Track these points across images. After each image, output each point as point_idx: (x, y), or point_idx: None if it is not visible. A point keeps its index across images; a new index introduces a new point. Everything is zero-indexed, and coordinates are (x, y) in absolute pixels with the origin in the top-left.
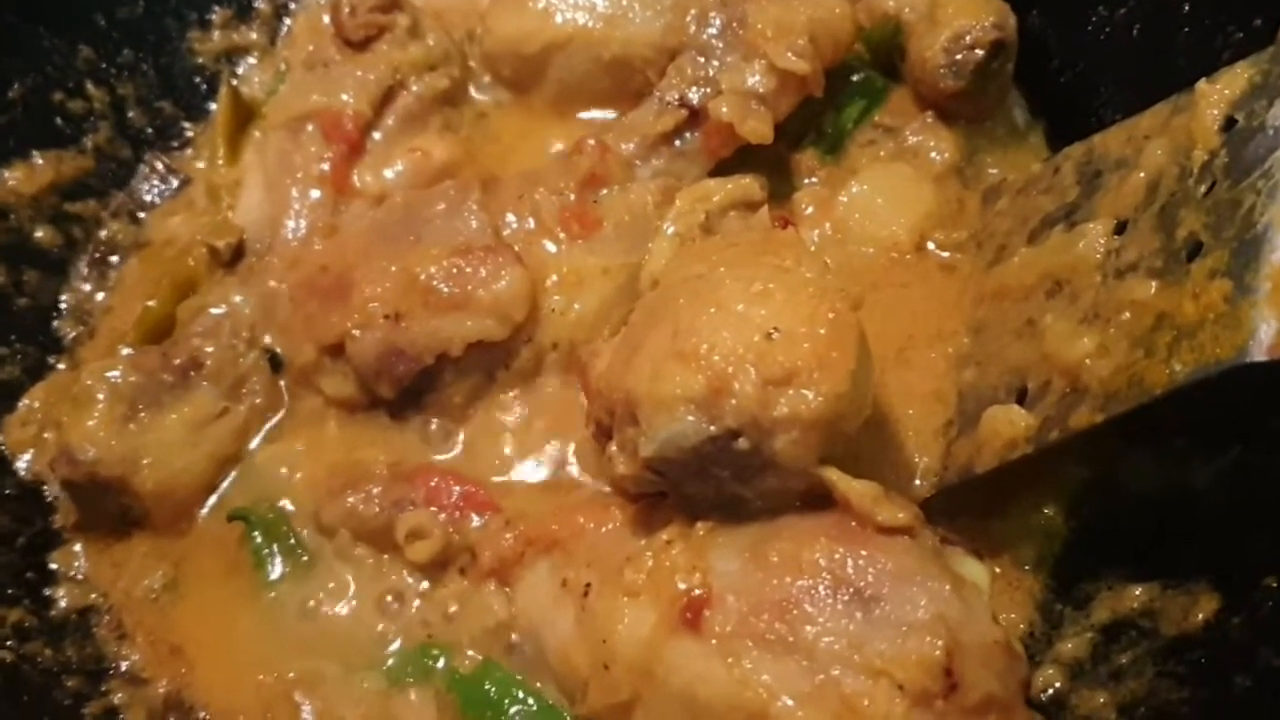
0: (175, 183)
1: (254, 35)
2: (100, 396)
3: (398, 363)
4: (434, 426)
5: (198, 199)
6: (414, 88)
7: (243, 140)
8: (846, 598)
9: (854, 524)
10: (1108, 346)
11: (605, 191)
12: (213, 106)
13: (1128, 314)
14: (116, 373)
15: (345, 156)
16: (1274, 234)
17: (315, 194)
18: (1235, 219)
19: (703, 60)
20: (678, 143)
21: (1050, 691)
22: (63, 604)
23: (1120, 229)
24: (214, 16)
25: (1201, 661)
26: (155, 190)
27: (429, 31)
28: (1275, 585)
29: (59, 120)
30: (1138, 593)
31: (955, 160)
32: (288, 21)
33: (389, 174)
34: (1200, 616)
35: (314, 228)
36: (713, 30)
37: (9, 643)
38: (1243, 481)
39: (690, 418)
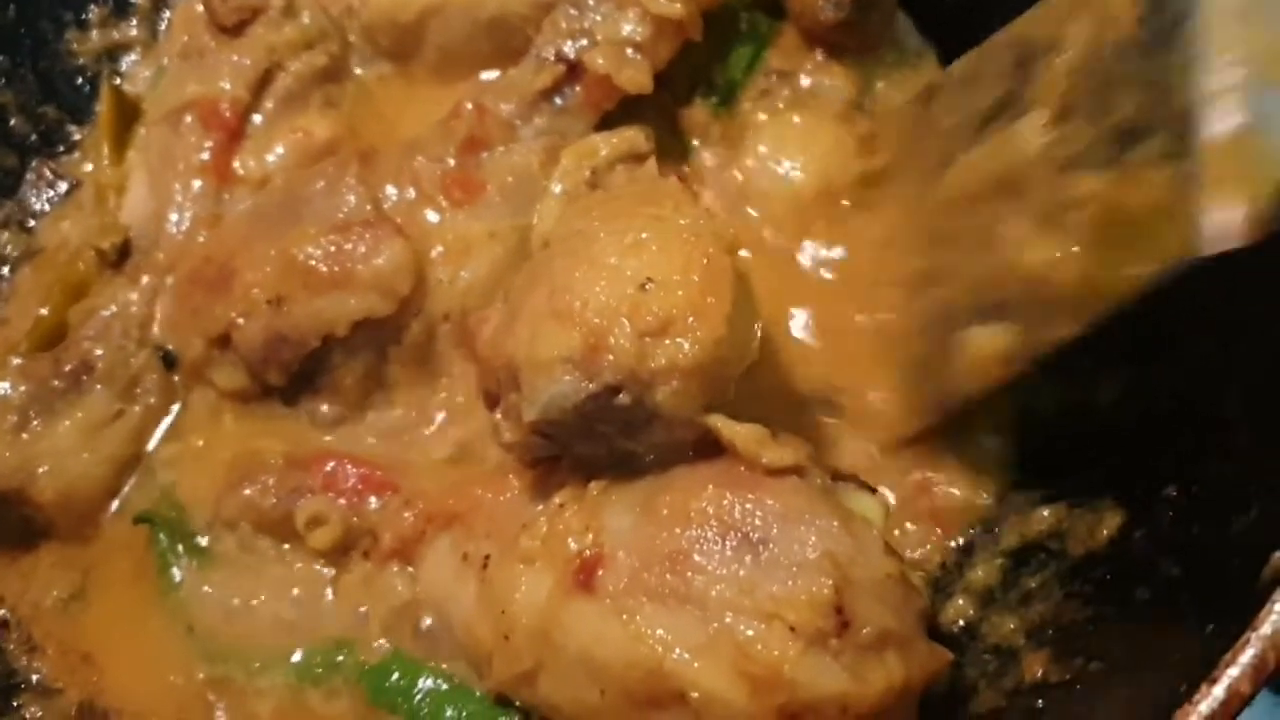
0: (64, 187)
1: (134, 31)
2: None
3: (283, 348)
4: (327, 409)
5: (86, 202)
6: (292, 68)
7: (129, 138)
8: (735, 543)
9: (742, 468)
10: (1068, 249)
11: (487, 155)
12: (98, 108)
13: (1081, 212)
14: (5, 384)
15: (225, 144)
16: (1203, 106)
17: (197, 185)
18: (1166, 95)
19: (576, 13)
20: (558, 99)
21: (961, 622)
22: None
23: (1061, 118)
24: (91, 15)
25: (1106, 578)
26: (44, 197)
27: (304, 9)
28: (1175, 494)
29: None
30: (1045, 514)
31: (852, 95)
32: (167, 15)
33: (271, 158)
34: (1105, 533)
35: (198, 219)
36: None
37: None
38: (1144, 394)
39: (568, 377)
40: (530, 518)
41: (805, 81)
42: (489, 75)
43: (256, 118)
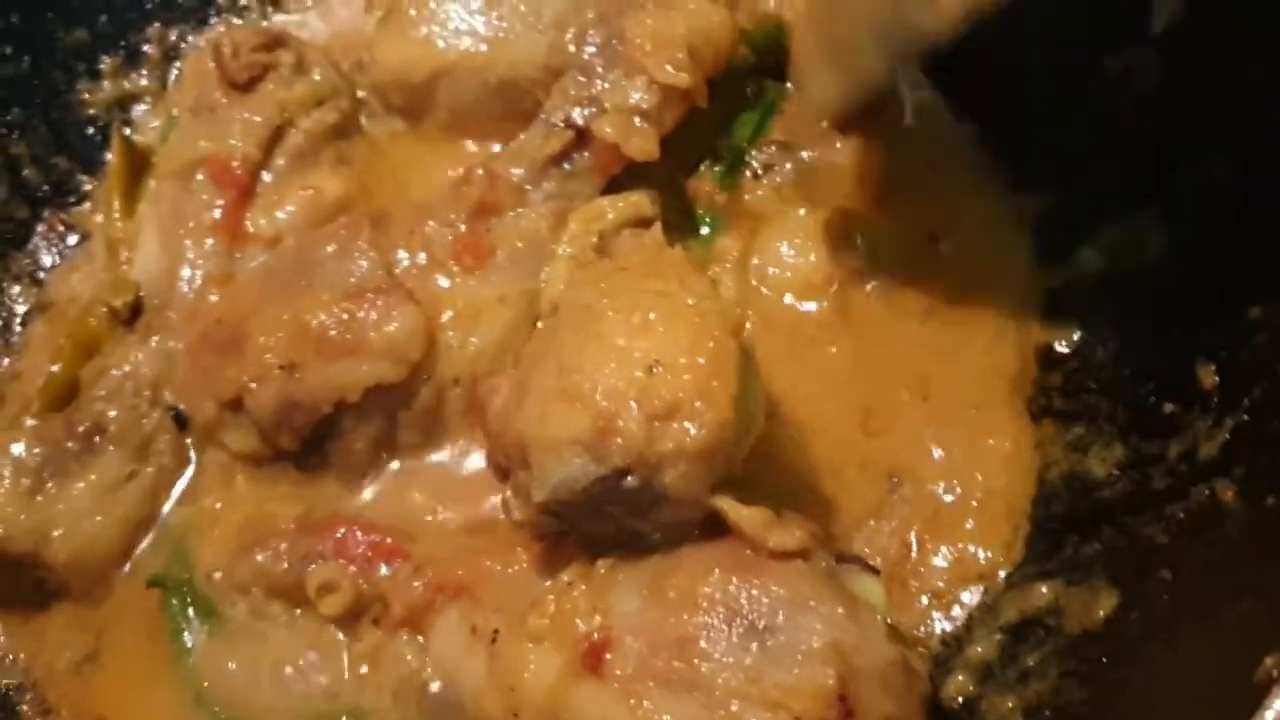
0: (75, 239)
1: (144, 81)
2: (4, 473)
3: (295, 414)
4: (340, 474)
5: (97, 254)
6: (303, 125)
7: (139, 190)
8: (742, 630)
9: (748, 551)
10: None
11: (496, 220)
12: (109, 158)
13: None
14: (19, 446)
15: (236, 202)
16: None
17: (209, 243)
18: None
19: (584, 80)
20: (567, 165)
21: (961, 699)
22: None
23: None
24: (103, 66)
25: (1102, 660)
26: (56, 249)
27: (315, 66)
28: (1169, 578)
29: None
30: (1044, 590)
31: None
32: (178, 65)
33: (282, 215)
34: (1101, 613)
35: (209, 277)
36: (592, 48)
37: None
38: (1138, 473)
39: (578, 460)
40: (538, 595)
41: (807, 156)
42: (501, 133)
43: (267, 175)
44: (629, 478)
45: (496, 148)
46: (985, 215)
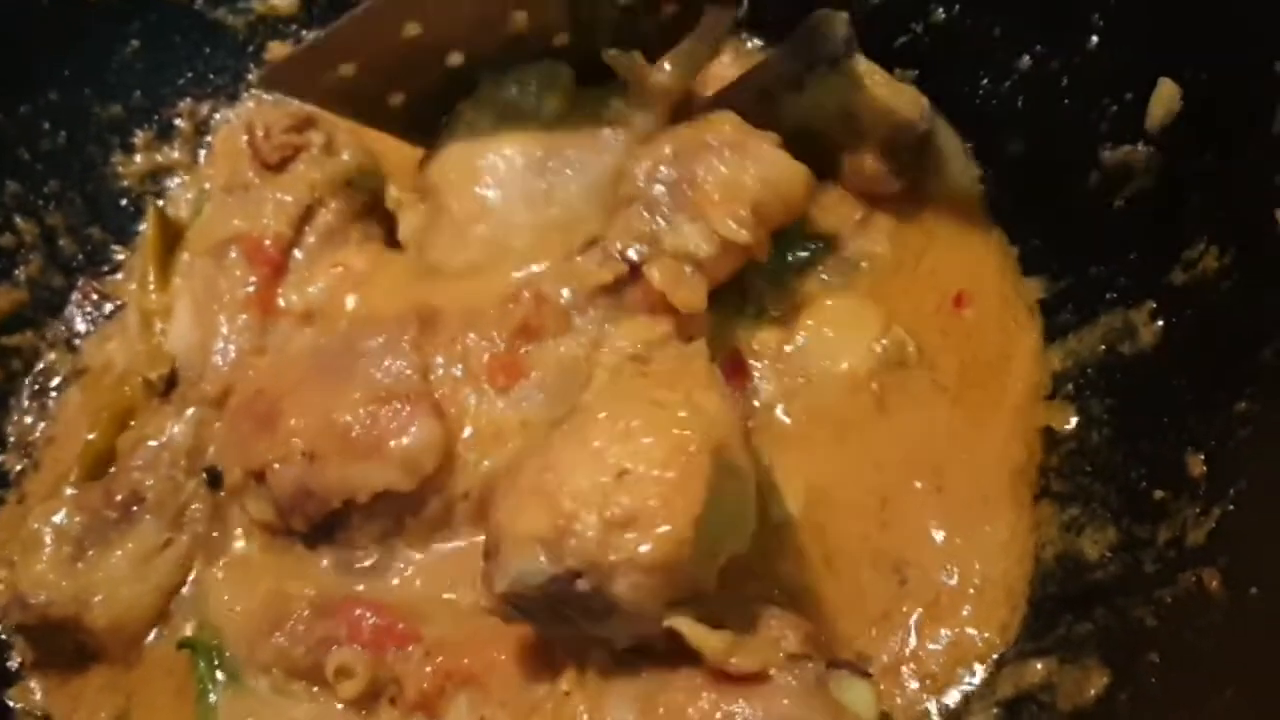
0: (109, 308)
1: (176, 154)
2: (48, 540)
3: (308, 502)
4: (342, 558)
5: (131, 326)
6: (332, 205)
7: (173, 261)
8: None
9: None
10: None
11: (535, 346)
12: (142, 228)
13: None
14: (61, 514)
15: (269, 279)
16: None
17: (243, 318)
18: None
19: (648, 215)
20: (616, 296)
21: None
22: None
23: None
24: (136, 139)
25: None
26: (90, 317)
27: (344, 148)
28: (1158, 661)
29: None
30: (1039, 667)
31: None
32: (209, 138)
33: (313, 290)
34: (1092, 692)
35: (242, 351)
36: (662, 186)
37: None
38: (1129, 556)
39: (536, 556)
40: (538, 700)
41: (851, 249)
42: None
43: (298, 253)
44: (580, 581)
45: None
46: (1003, 287)
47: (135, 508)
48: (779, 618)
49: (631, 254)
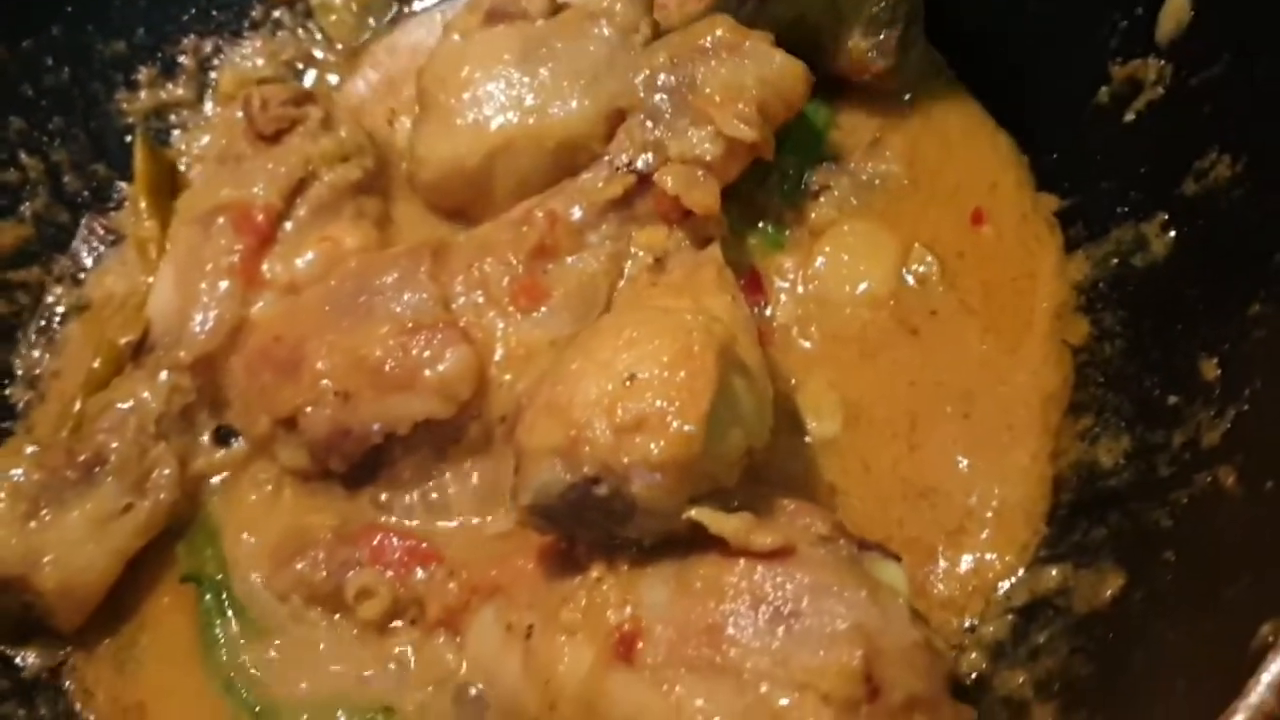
0: (114, 242)
1: (180, 91)
2: (1, 495)
3: (346, 440)
4: (385, 497)
5: (130, 258)
6: (326, 178)
7: (165, 189)
8: (768, 616)
9: None
10: None
11: (553, 265)
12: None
13: None
14: (19, 471)
15: (255, 249)
16: None
17: (224, 285)
18: None
19: (651, 124)
20: (627, 209)
21: (974, 675)
22: (33, 664)
23: None
24: (140, 76)
25: (1109, 637)
26: (95, 252)
27: (341, 124)
28: (1173, 559)
29: None
30: (1054, 573)
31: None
32: (213, 75)
33: (300, 263)
34: (1109, 593)
35: (222, 319)
36: (662, 93)
37: None
38: (1143, 462)
39: (554, 467)
40: (569, 590)
41: (860, 169)
42: None
43: (288, 224)
44: (599, 486)
45: None
46: (1021, 201)
47: (97, 469)
48: (807, 509)
49: (639, 165)
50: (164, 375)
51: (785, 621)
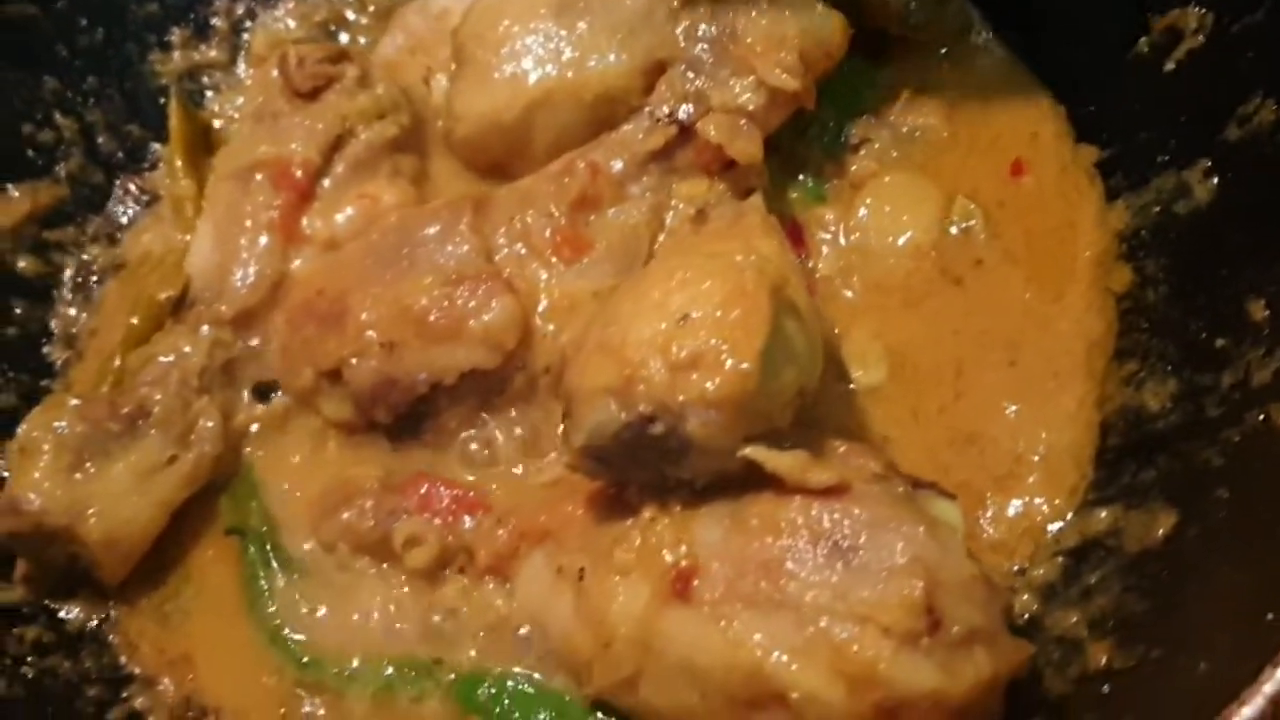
0: (149, 202)
1: (214, 53)
2: (46, 447)
3: (392, 391)
4: (431, 446)
5: (166, 215)
6: (363, 135)
7: (200, 148)
8: (826, 550)
9: None
10: None
11: (595, 216)
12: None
13: None
14: (63, 423)
15: (294, 204)
16: None
17: (264, 240)
18: None
19: (692, 75)
20: (668, 160)
21: (1026, 616)
22: (78, 618)
23: None
24: (173, 37)
25: (1163, 574)
26: (130, 212)
27: (378, 81)
28: (1227, 496)
29: (30, 152)
30: (1103, 515)
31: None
32: (246, 36)
33: (339, 219)
34: (1160, 532)
35: (263, 275)
36: (703, 44)
37: (30, 659)
38: (1191, 404)
39: (608, 407)
40: (622, 531)
41: (900, 122)
42: None
43: (326, 181)
44: (655, 424)
45: None
46: (1060, 152)
47: (141, 422)
48: (860, 449)
49: (681, 114)
50: (205, 330)
51: (844, 556)
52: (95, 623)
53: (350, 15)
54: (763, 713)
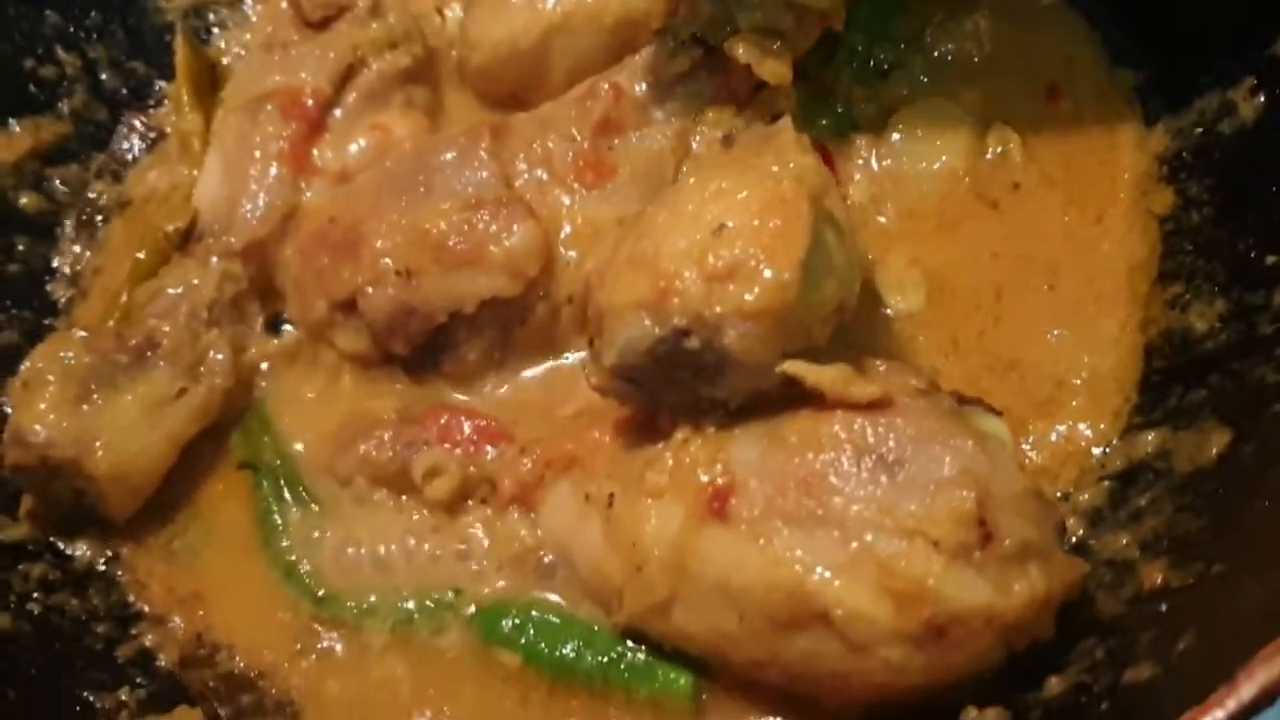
0: (154, 140)
1: None
2: (51, 379)
3: (410, 320)
4: (450, 380)
5: (172, 152)
6: (375, 66)
7: (206, 84)
8: (871, 464)
9: None
10: None
11: (619, 141)
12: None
13: None
14: (69, 354)
15: (304, 134)
16: None
17: (274, 171)
18: None
19: None
20: (693, 83)
21: (1073, 540)
22: (85, 556)
23: None
24: None
25: (1219, 492)
26: (135, 150)
27: (390, 11)
28: None
29: (32, 87)
30: (1150, 438)
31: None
32: None
33: (351, 150)
34: (1214, 451)
35: (273, 206)
36: None
37: (36, 595)
38: (1242, 323)
39: (641, 322)
40: (653, 454)
41: (936, 53)
42: None
43: (337, 111)
44: (690, 339)
45: None
46: (1097, 76)
47: (149, 354)
48: (900, 367)
49: (707, 36)
50: (214, 262)
51: (889, 469)
52: (103, 561)
53: None
54: (804, 633)
